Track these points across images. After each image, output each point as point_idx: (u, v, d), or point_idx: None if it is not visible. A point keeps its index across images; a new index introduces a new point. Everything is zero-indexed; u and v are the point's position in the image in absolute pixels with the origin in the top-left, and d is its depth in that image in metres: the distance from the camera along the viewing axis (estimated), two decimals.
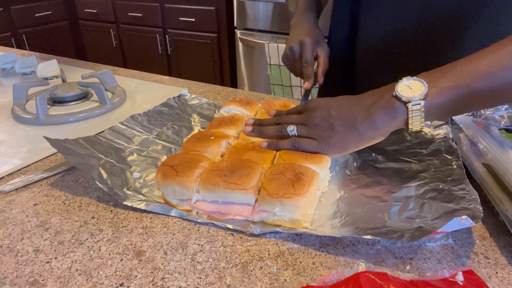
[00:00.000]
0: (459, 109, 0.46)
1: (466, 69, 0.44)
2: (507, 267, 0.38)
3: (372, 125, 0.47)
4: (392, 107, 0.46)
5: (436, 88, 0.44)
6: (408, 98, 0.44)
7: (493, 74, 0.43)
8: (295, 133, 0.51)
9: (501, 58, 0.43)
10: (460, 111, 0.46)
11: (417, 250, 0.40)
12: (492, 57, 0.43)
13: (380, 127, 0.47)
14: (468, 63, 0.44)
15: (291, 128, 0.52)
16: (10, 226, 0.46)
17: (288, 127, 0.52)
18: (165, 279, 0.38)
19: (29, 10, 2.85)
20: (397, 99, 0.45)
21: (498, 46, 0.44)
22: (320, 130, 0.50)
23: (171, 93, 0.83)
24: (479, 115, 0.61)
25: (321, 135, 0.49)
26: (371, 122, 0.47)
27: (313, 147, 0.50)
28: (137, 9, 2.85)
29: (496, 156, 0.47)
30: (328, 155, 0.50)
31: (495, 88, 0.43)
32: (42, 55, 1.22)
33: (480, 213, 0.39)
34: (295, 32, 0.79)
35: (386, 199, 0.46)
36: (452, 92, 0.44)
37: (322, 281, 0.36)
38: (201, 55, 2.70)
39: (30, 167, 0.59)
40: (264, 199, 0.44)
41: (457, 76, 0.44)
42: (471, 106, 0.46)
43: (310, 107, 0.52)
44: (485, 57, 0.44)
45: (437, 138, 0.56)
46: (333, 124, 0.49)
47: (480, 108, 0.49)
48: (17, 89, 0.80)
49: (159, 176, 0.48)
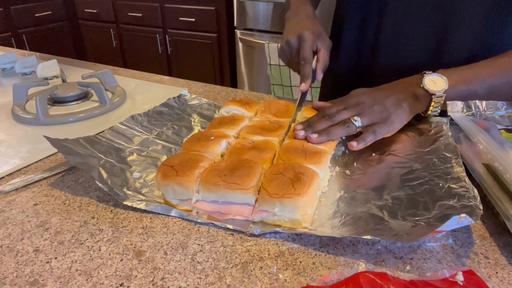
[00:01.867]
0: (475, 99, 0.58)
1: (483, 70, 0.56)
2: (507, 267, 0.38)
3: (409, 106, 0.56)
4: (419, 95, 0.57)
5: (454, 85, 0.56)
6: (433, 91, 0.56)
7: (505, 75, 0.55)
8: (360, 124, 0.54)
9: None
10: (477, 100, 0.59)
11: (417, 250, 0.40)
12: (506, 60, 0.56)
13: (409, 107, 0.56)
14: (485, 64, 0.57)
15: (356, 119, 0.54)
16: (10, 226, 0.46)
17: (352, 119, 0.55)
18: (165, 279, 0.38)
19: (29, 10, 2.85)
20: (424, 90, 0.57)
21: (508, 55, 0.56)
22: (378, 114, 0.55)
23: (171, 93, 0.83)
24: (479, 115, 0.61)
25: (381, 118, 0.55)
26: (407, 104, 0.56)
27: (385, 128, 0.54)
28: (137, 9, 2.86)
29: (496, 156, 0.47)
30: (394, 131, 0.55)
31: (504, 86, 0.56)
32: (42, 55, 1.22)
33: (480, 210, 0.39)
34: (292, 24, 0.72)
35: (386, 199, 0.46)
36: (463, 88, 0.56)
37: (322, 281, 0.36)
38: (201, 55, 2.71)
39: (30, 167, 0.59)
40: (264, 199, 0.44)
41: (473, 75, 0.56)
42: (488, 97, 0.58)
43: (356, 99, 0.57)
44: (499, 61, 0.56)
45: (436, 137, 0.56)
46: (385, 105, 0.55)
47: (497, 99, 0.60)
48: (17, 89, 0.81)
49: (159, 176, 0.48)
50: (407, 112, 0.56)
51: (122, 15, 2.97)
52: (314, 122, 0.56)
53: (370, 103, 0.56)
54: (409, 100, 0.57)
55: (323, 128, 0.55)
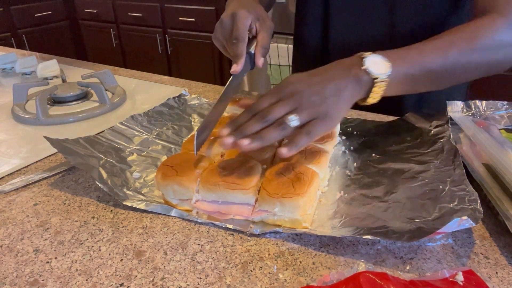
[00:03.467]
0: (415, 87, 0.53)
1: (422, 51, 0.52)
2: (507, 267, 0.38)
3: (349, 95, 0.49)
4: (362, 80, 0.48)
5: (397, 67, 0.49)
6: (377, 74, 0.48)
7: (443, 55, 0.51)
8: (297, 123, 0.45)
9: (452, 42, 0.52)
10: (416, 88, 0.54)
11: (417, 250, 0.40)
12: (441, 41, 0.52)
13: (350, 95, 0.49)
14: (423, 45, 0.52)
15: (292, 118, 0.45)
16: (10, 226, 0.46)
17: (287, 119, 0.45)
18: (165, 279, 0.38)
19: (29, 10, 2.85)
20: (367, 73, 0.48)
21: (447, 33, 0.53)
22: (317, 107, 0.46)
23: (171, 93, 0.83)
24: (479, 115, 0.61)
25: (320, 112, 0.46)
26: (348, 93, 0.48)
27: (322, 126, 0.46)
28: (137, 9, 2.85)
29: (496, 156, 0.47)
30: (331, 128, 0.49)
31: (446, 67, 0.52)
32: (42, 55, 1.22)
33: (480, 213, 0.39)
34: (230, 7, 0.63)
35: (386, 199, 0.46)
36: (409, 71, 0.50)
37: (322, 281, 0.36)
38: (201, 55, 2.70)
39: (30, 167, 0.59)
40: (264, 199, 0.44)
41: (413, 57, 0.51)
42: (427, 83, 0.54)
43: (291, 87, 0.47)
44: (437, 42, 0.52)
45: (437, 138, 0.56)
46: (324, 95, 0.47)
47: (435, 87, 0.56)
48: (17, 89, 0.80)
49: (159, 176, 0.48)
50: (347, 102, 0.48)
51: (122, 15, 2.97)
52: (243, 124, 0.46)
53: (308, 93, 0.46)
54: (350, 87, 0.48)
55: (255, 130, 0.45)
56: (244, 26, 0.57)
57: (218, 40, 0.62)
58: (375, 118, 0.68)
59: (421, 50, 0.52)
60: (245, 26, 0.57)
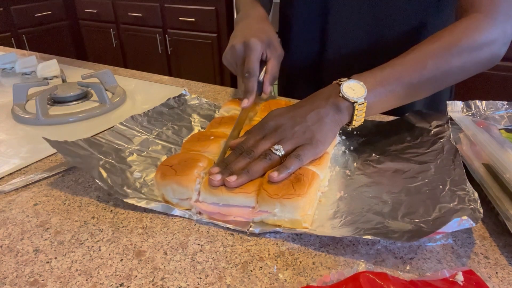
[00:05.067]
0: (402, 100, 0.54)
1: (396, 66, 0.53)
2: (507, 267, 0.38)
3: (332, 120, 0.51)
4: (341, 106, 0.51)
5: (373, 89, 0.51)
6: (355, 98, 0.50)
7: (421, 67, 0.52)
8: (282, 152, 0.47)
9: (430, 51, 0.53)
10: (403, 101, 0.54)
11: (417, 250, 0.40)
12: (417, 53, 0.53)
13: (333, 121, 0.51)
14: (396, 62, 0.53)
15: (277, 148, 0.47)
16: (10, 226, 0.46)
17: (273, 150, 0.47)
18: (165, 279, 0.38)
19: (29, 10, 2.85)
20: (345, 99, 0.51)
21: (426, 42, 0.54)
22: (301, 136, 0.49)
23: (171, 93, 0.83)
24: (479, 115, 0.61)
25: (305, 139, 0.48)
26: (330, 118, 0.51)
27: (310, 149, 0.48)
28: (137, 9, 2.86)
29: (496, 156, 0.47)
30: (320, 152, 0.49)
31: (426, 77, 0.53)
32: (42, 55, 1.22)
33: (480, 213, 0.39)
34: (240, 27, 0.66)
35: (386, 199, 0.46)
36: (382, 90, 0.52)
37: (322, 281, 0.36)
38: (201, 55, 2.71)
39: (30, 167, 0.59)
40: (264, 199, 0.44)
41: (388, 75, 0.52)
42: (413, 95, 0.55)
43: (273, 122, 0.50)
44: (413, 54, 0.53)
45: (437, 138, 0.56)
46: (307, 124, 0.49)
47: (425, 95, 0.56)
48: (17, 89, 0.80)
49: (158, 176, 0.48)
50: (331, 127, 0.50)
51: (122, 15, 2.97)
52: (231, 162, 0.48)
53: (290, 125, 0.49)
54: (331, 113, 0.51)
55: (242, 166, 0.47)
56: (256, 58, 0.60)
57: (230, 64, 0.65)
58: (375, 118, 0.68)
59: (396, 66, 0.53)
60: (258, 59, 0.60)
